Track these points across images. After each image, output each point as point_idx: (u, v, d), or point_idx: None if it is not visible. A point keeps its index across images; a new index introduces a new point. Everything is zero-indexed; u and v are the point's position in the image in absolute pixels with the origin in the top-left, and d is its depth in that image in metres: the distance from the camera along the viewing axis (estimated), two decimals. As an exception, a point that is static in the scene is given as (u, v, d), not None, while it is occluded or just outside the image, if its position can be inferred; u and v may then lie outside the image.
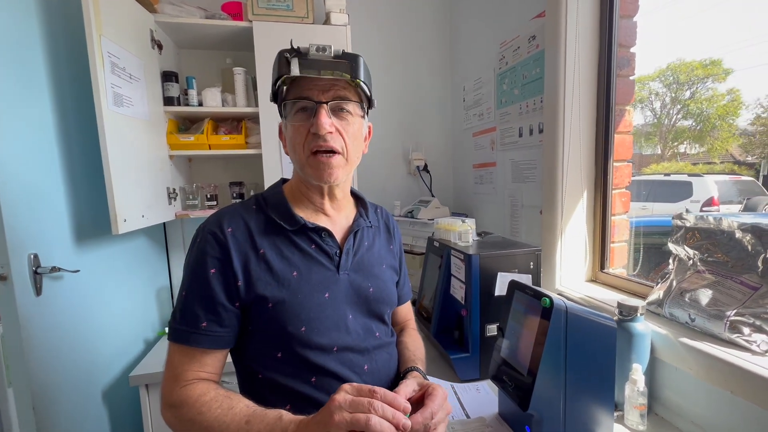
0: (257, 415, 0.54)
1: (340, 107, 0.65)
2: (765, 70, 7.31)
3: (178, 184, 1.59)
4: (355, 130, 0.68)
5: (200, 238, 0.64)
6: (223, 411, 0.56)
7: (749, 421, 0.69)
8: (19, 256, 0.92)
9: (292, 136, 0.66)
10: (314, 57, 0.63)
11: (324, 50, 0.62)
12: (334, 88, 0.64)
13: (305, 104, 0.64)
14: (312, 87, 0.63)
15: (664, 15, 6.15)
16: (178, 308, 0.63)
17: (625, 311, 0.85)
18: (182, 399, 0.58)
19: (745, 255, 0.78)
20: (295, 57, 0.62)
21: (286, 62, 0.62)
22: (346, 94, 0.65)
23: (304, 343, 0.63)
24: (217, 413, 0.55)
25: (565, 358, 0.72)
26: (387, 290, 0.75)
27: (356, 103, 0.67)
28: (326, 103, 0.63)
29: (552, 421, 0.73)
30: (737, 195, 4.41)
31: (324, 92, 0.64)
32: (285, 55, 0.63)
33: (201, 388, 0.59)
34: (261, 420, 0.54)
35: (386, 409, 0.49)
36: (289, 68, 0.62)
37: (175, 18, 1.43)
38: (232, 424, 0.54)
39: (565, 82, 1.12)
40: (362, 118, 0.69)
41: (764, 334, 0.70)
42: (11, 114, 0.93)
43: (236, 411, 0.55)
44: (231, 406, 0.56)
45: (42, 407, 0.95)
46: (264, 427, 0.53)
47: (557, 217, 1.16)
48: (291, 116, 0.65)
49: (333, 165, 0.65)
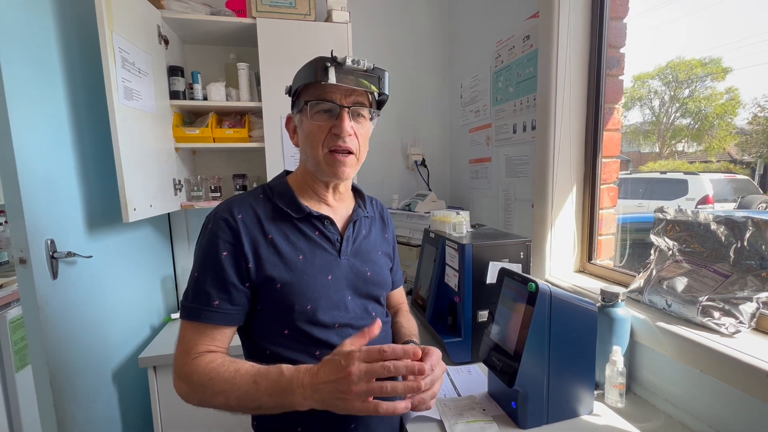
0: (261, 373, 0.60)
1: (357, 112, 0.72)
2: (763, 69, 7.34)
3: (183, 176, 1.64)
4: (366, 132, 0.75)
5: (212, 224, 0.69)
6: (230, 375, 0.61)
7: (716, 396, 0.75)
8: (37, 241, 0.97)
9: (311, 133, 0.71)
10: (350, 68, 0.69)
11: (358, 63, 0.69)
12: (355, 94, 0.70)
13: (329, 107, 0.69)
14: (335, 91, 0.69)
15: (664, 13, 6.17)
16: (190, 288, 0.68)
17: (607, 297, 0.91)
18: (192, 369, 0.63)
19: (719, 245, 0.84)
20: (332, 66, 0.67)
21: (324, 69, 0.67)
22: (363, 101, 0.72)
23: (309, 320, 0.69)
24: (225, 377, 0.61)
25: (549, 339, 0.78)
26: (383, 274, 0.81)
27: (369, 109, 0.73)
28: (348, 108, 0.69)
29: (536, 398, 0.79)
30: (732, 193, 4.47)
31: (346, 97, 0.70)
32: (325, 63, 0.67)
33: (209, 358, 0.64)
34: (265, 377, 0.59)
35: (399, 367, 0.53)
36: (326, 75, 0.67)
37: (182, 14, 1.47)
38: (241, 384, 0.59)
39: (556, 81, 1.17)
40: (371, 121, 0.76)
41: (732, 318, 0.76)
42: (30, 109, 0.98)
43: (242, 372, 0.61)
44: (237, 369, 0.61)
45: (58, 385, 1.01)
46: (269, 384, 0.58)
47: (548, 211, 1.22)
48: (312, 114, 0.70)
49: (347, 164, 0.71)
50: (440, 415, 0.83)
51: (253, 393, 0.59)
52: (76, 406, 1.08)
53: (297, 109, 0.74)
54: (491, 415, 0.83)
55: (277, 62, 1.51)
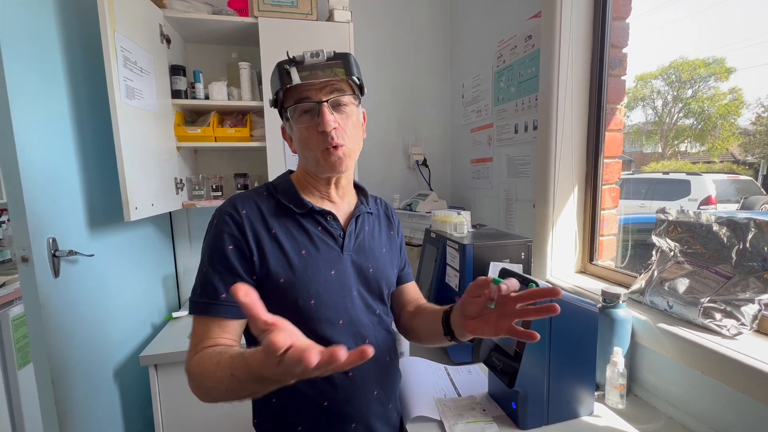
0: (235, 365, 0.54)
1: (338, 102, 0.70)
2: (767, 70, 7.30)
3: (185, 175, 1.64)
4: (354, 120, 0.73)
5: (218, 220, 0.70)
6: (213, 369, 0.58)
7: (718, 398, 0.75)
8: (39, 239, 0.97)
9: (302, 137, 0.70)
10: (310, 62, 0.67)
11: (317, 55, 0.67)
12: (330, 85, 0.69)
13: (308, 106, 0.68)
14: (309, 88, 0.68)
15: (668, 13, 6.12)
16: (198, 284, 0.68)
17: (608, 298, 0.91)
18: (192, 365, 0.62)
19: (721, 247, 0.83)
20: (293, 66, 0.66)
21: (286, 73, 0.66)
22: (342, 87, 0.70)
23: (312, 316, 0.69)
24: (210, 372, 0.58)
25: (549, 340, 0.78)
26: (386, 272, 0.80)
27: (351, 95, 0.72)
28: (327, 102, 0.68)
29: (536, 399, 0.79)
30: (735, 194, 4.44)
31: (321, 91, 0.68)
32: (284, 66, 0.67)
33: (205, 352, 0.62)
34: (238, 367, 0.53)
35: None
36: (290, 78, 0.66)
37: (184, 13, 1.47)
38: (224, 379, 0.55)
39: (558, 81, 1.16)
40: (357, 106, 0.75)
41: (734, 320, 0.76)
42: (32, 107, 0.98)
43: (223, 365, 0.57)
44: (217, 362, 0.58)
45: (59, 383, 1.01)
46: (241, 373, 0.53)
47: (549, 211, 1.22)
48: (296, 119, 0.70)
49: (343, 155, 0.70)
50: (440, 416, 0.83)
51: (236, 385, 0.55)
52: (77, 404, 1.09)
53: (284, 118, 0.74)
54: (491, 416, 0.83)
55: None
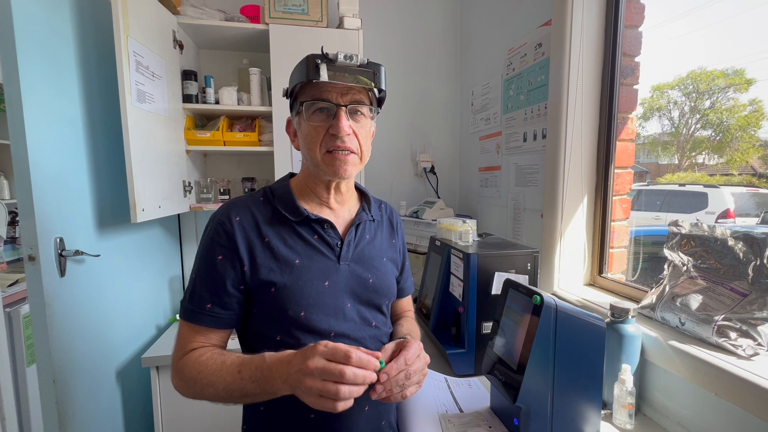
0: (245, 363, 0.61)
1: (356, 110, 0.69)
2: (789, 82, 7.10)
3: (194, 178, 1.66)
4: (367, 130, 0.73)
5: (210, 228, 0.70)
6: (217, 366, 0.62)
7: (732, 423, 0.71)
8: (47, 239, 0.99)
9: (309, 134, 0.69)
10: (342, 64, 0.66)
11: (351, 58, 0.66)
12: (352, 92, 0.68)
13: (325, 105, 0.68)
14: (331, 89, 0.67)
15: (685, 24, 5.99)
16: (188, 290, 0.69)
17: (617, 313, 0.88)
18: (184, 363, 0.65)
19: (737, 262, 0.80)
20: (323, 63, 0.65)
21: (315, 67, 0.65)
22: (362, 98, 0.69)
23: (302, 327, 0.68)
24: (212, 369, 0.62)
25: (554, 354, 0.75)
26: (387, 282, 0.78)
27: (369, 106, 0.71)
28: (345, 107, 0.67)
29: (540, 415, 0.76)
30: (755, 208, 4.30)
31: (342, 95, 0.68)
32: (315, 60, 0.66)
33: (199, 352, 0.65)
34: (249, 365, 0.60)
35: (357, 375, 0.52)
36: (317, 73, 0.65)
37: (197, 20, 1.50)
38: (227, 375, 0.60)
39: (568, 90, 1.14)
40: (371, 119, 0.74)
41: (750, 339, 0.72)
42: (45, 109, 1.00)
43: (228, 363, 0.62)
44: (223, 361, 0.63)
45: (61, 382, 1.02)
46: (253, 371, 0.59)
47: (557, 221, 1.19)
48: (309, 116, 0.69)
49: (348, 162, 0.69)
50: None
51: (238, 381, 0.60)
52: (78, 404, 1.09)
53: (295, 111, 0.73)
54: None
55: (288, 68, 1.49)
